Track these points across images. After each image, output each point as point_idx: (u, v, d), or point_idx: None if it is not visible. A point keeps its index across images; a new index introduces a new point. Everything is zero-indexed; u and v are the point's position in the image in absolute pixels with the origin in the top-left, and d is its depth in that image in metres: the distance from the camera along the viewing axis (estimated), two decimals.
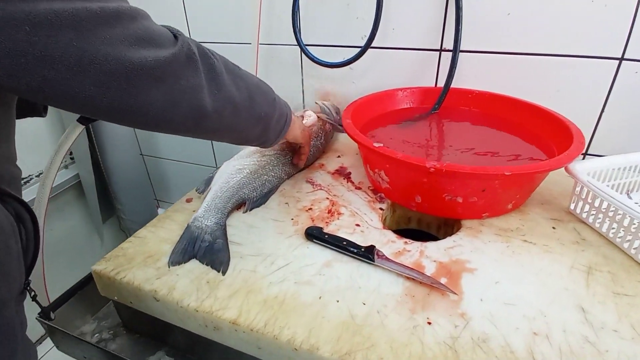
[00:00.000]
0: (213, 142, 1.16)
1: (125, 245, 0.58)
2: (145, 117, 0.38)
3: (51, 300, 0.57)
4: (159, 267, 0.53)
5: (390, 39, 0.83)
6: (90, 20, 0.31)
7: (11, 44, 0.28)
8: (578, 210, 0.61)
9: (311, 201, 0.67)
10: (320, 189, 0.70)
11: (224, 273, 0.52)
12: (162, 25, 0.40)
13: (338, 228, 0.60)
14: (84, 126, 0.63)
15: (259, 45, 0.93)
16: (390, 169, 0.61)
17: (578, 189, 0.60)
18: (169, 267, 0.53)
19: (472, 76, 0.80)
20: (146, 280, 0.51)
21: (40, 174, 1.06)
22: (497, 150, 0.67)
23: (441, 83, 0.82)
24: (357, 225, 0.60)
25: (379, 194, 0.67)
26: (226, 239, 0.58)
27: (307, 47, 0.89)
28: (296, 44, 0.87)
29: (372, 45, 0.82)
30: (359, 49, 0.83)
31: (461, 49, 0.78)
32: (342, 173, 0.75)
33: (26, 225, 0.39)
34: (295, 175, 0.76)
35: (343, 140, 0.90)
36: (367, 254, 0.53)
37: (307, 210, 0.64)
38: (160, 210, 1.33)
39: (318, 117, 0.81)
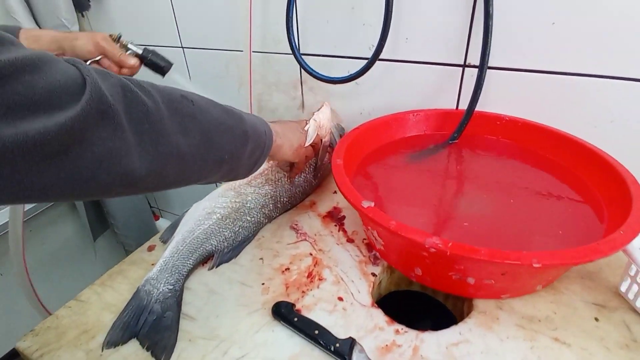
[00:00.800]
0: None
1: (62, 313, 0.49)
2: (52, 197, 0.29)
3: None
4: (90, 350, 0.44)
5: (402, 50, 0.68)
6: None
7: None
8: (631, 296, 0.46)
9: (291, 257, 0.56)
10: (305, 240, 0.59)
11: None
12: (67, 61, 0.29)
13: (316, 302, 0.48)
14: None
15: (253, 53, 0.81)
16: (384, 234, 0.49)
17: (632, 269, 0.45)
18: (102, 349, 0.44)
19: (502, 99, 0.65)
20: None
21: None
22: (532, 200, 0.53)
23: (463, 105, 0.67)
24: (340, 299, 0.49)
25: (373, 252, 0.55)
26: (179, 310, 0.48)
27: (306, 57, 0.76)
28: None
29: (382, 57, 0.68)
30: (366, 61, 0.69)
31: (490, 65, 0.62)
32: (335, 217, 0.63)
33: None
34: (278, 217, 0.64)
35: None
36: (343, 352, 0.41)
37: (283, 272, 0.53)
38: (161, 222, 1.27)
39: (322, 144, 0.67)
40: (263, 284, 0.52)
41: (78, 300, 0.51)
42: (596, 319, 0.45)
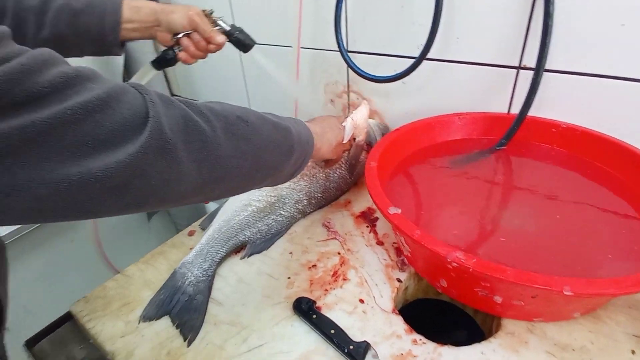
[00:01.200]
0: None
1: (110, 285, 0.54)
2: (102, 217, 0.31)
3: None
4: (129, 321, 0.49)
5: (453, 50, 0.65)
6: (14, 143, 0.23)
7: None
8: None
9: (319, 254, 0.57)
10: (335, 239, 0.59)
11: (189, 343, 0.46)
12: (135, 88, 0.31)
13: (336, 302, 0.49)
14: (157, 70, 0.65)
15: (303, 49, 0.82)
16: (409, 242, 0.48)
17: None
18: (138, 322, 0.49)
19: (560, 104, 0.60)
20: (110, 338, 0.47)
21: None
22: (582, 216, 0.49)
23: (516, 110, 0.63)
24: (361, 301, 0.49)
25: (401, 257, 0.54)
26: (208, 294, 0.51)
27: (354, 55, 0.76)
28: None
29: (430, 56, 0.65)
30: (413, 61, 0.67)
31: (548, 67, 0.58)
32: (368, 218, 0.63)
33: None
34: (313, 213, 0.65)
35: None
36: (356, 355, 0.41)
37: (309, 268, 0.54)
38: (210, 205, 1.34)
39: (355, 144, 0.67)
40: (289, 278, 0.53)
41: (124, 274, 0.56)
42: (632, 352, 0.41)
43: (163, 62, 0.63)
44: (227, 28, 0.62)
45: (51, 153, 0.25)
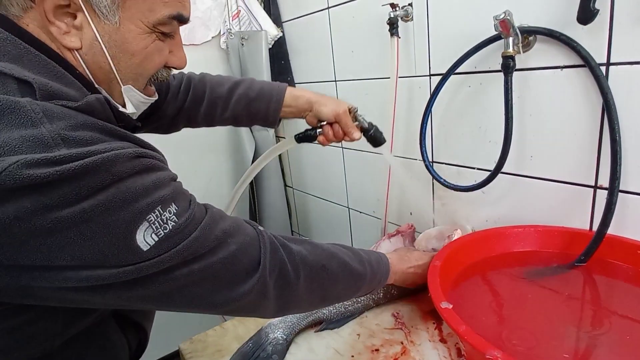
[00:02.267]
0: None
1: (210, 332, 0.68)
2: None
3: None
4: None
5: (527, 167, 0.71)
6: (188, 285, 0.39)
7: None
8: None
9: (383, 340, 0.62)
10: (401, 329, 0.64)
11: None
12: (257, 233, 0.45)
13: None
14: (297, 144, 0.73)
15: (394, 156, 0.95)
16: (460, 338, 0.51)
17: None
18: None
19: None
20: None
21: None
22: None
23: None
24: None
25: (461, 358, 0.56)
26: (283, 356, 0.60)
27: (438, 165, 0.86)
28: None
29: (507, 171, 0.72)
30: (489, 173, 0.74)
31: (624, 189, 0.59)
32: (435, 315, 0.66)
33: (140, 338, 0.54)
34: (384, 303, 0.71)
35: None
36: None
37: (372, 352, 0.60)
38: None
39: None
40: (352, 356, 0.59)
41: (222, 327, 0.69)
42: None
43: (304, 139, 0.72)
44: (365, 125, 0.69)
45: (199, 287, 0.40)
